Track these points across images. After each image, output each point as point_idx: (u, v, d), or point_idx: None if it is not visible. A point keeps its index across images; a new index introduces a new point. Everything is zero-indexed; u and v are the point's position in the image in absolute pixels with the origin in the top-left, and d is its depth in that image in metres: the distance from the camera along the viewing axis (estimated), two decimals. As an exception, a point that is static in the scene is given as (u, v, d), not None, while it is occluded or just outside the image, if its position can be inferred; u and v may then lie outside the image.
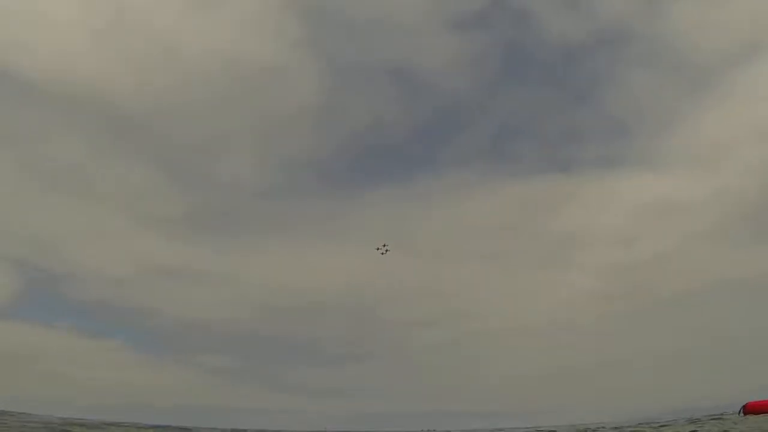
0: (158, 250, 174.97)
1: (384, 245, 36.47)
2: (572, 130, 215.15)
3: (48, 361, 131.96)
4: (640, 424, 47.94)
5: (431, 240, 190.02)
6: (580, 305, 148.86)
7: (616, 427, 40.05)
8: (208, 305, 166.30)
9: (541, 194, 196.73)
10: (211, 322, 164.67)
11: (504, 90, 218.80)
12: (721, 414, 41.06)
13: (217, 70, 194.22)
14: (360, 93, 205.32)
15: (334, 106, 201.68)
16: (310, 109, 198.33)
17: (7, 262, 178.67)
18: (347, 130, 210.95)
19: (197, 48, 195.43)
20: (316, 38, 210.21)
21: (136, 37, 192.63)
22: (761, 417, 34.77)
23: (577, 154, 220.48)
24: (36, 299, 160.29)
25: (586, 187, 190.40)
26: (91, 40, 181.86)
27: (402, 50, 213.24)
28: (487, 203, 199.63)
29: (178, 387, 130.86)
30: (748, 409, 37.76)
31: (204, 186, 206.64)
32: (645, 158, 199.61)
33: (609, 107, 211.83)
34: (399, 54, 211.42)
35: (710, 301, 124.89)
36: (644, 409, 78.87)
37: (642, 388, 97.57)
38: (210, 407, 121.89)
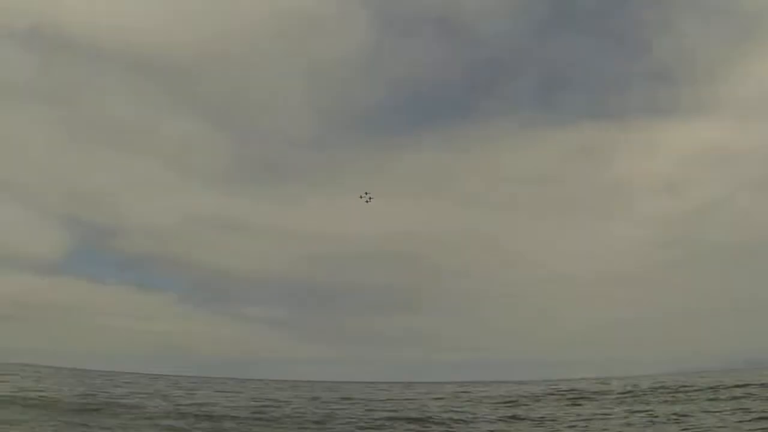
0: (208, 202, 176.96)
1: (366, 193, 34.32)
2: (620, 78, 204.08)
3: (100, 315, 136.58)
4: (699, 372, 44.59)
5: (477, 188, 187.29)
6: (630, 254, 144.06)
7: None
8: (255, 256, 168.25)
9: (589, 143, 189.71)
10: (258, 273, 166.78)
11: (551, 37, 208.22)
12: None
13: (262, 20, 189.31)
14: (405, 41, 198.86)
15: (380, 53, 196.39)
16: (356, 58, 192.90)
17: (58, 219, 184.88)
18: (392, 79, 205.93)
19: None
20: None
21: None
22: None
23: (625, 102, 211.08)
24: (87, 254, 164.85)
25: (634, 135, 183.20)
26: None
27: None
28: (534, 152, 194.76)
29: (228, 338, 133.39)
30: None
31: (248, 136, 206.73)
32: (695, 106, 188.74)
33: (657, 54, 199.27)
34: (443, 2, 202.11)
35: (764, 251, 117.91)
36: (701, 359, 75.20)
37: (697, 338, 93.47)
38: (259, 358, 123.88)
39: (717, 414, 20.21)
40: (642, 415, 20.95)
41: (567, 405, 25.42)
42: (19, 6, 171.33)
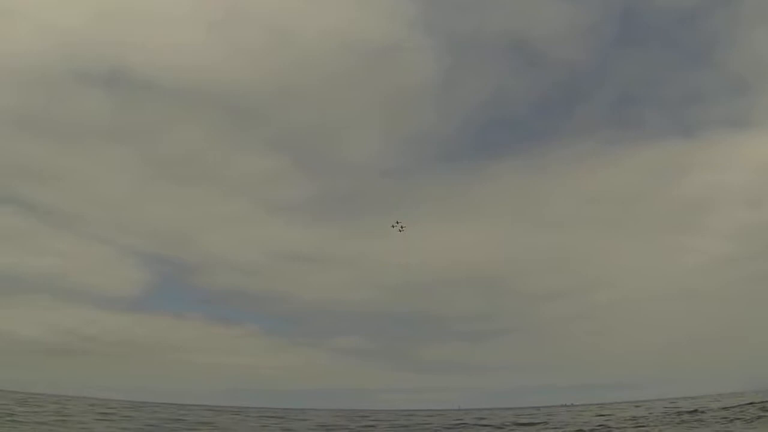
0: (285, 235, 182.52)
1: (398, 222, 34.02)
2: (693, 93, 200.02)
3: (182, 350, 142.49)
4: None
5: (557, 210, 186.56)
6: (709, 270, 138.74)
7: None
8: (337, 288, 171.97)
9: (665, 159, 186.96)
10: (340, 304, 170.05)
11: (621, 56, 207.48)
12: None
13: (333, 52, 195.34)
14: (477, 67, 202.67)
15: (453, 81, 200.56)
16: (429, 85, 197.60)
17: (141, 257, 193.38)
18: (467, 104, 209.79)
19: (312, 31, 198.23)
20: (431, 14, 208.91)
21: (250, 25, 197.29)
22: None
23: (700, 116, 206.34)
24: (170, 291, 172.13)
25: (711, 149, 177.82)
26: (205, 32, 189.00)
27: (517, 22, 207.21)
28: (611, 171, 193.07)
29: (310, 370, 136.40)
30: None
31: (327, 169, 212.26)
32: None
33: (730, 67, 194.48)
34: (514, 26, 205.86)
35: None
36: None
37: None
38: (342, 389, 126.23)
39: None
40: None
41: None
42: (99, 51, 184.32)
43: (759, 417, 26.56)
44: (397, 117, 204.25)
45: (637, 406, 41.69)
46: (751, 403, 31.73)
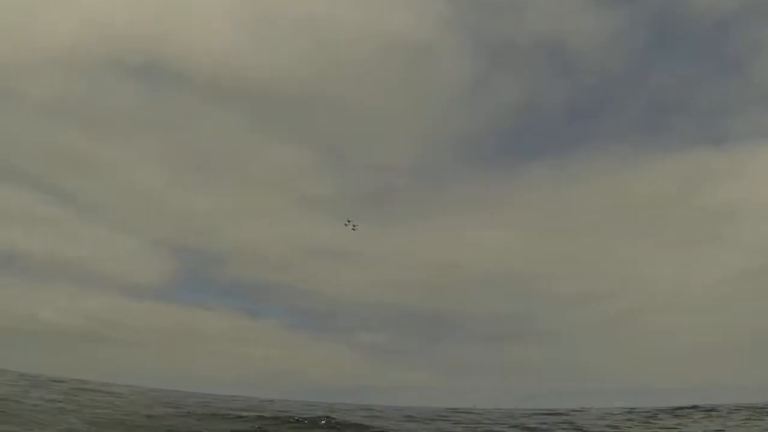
0: (313, 230, 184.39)
1: (350, 221, 33.77)
2: (725, 103, 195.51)
3: (209, 340, 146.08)
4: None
5: (584, 216, 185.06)
6: (736, 281, 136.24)
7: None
8: (362, 285, 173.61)
9: (694, 168, 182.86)
10: (365, 301, 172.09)
11: (654, 63, 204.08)
12: None
13: (366, 50, 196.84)
14: (510, 70, 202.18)
15: (485, 83, 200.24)
16: (461, 87, 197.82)
17: (166, 246, 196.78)
18: (497, 108, 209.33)
19: (346, 28, 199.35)
20: (465, 15, 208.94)
21: (285, 20, 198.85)
22: None
23: (731, 126, 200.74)
24: (194, 281, 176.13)
25: (743, 159, 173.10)
26: (240, 26, 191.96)
27: (548, 27, 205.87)
28: (640, 179, 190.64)
29: (333, 365, 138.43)
30: None
31: (357, 166, 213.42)
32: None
33: (764, 77, 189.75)
34: (545, 31, 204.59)
35: None
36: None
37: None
38: (363, 385, 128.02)
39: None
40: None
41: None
42: (136, 41, 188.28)
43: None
44: (428, 117, 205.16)
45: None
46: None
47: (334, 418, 27.21)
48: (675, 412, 36.15)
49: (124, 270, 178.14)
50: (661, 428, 27.74)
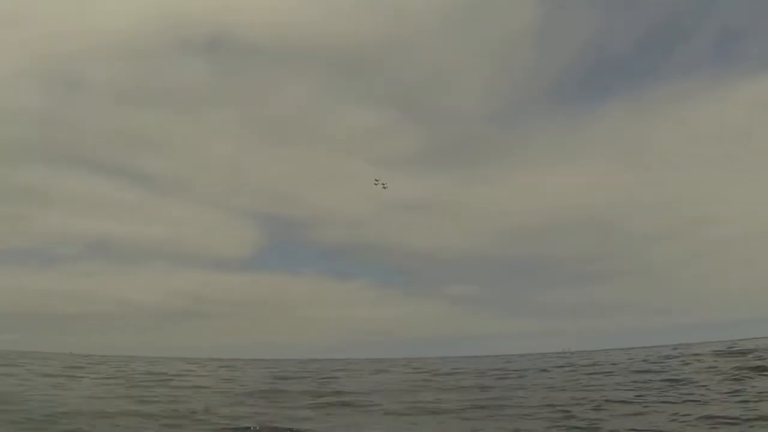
0: (400, 187, 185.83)
1: (378, 180, 32.33)
2: None
3: (300, 306, 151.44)
4: None
5: (664, 151, 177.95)
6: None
7: None
8: (448, 236, 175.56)
9: None
10: (451, 253, 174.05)
11: None
12: None
13: (430, 3, 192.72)
14: (577, 7, 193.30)
15: (553, 23, 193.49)
16: (530, 28, 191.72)
17: (249, 217, 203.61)
18: (568, 47, 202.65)
19: None
20: None
21: None
22: None
23: None
24: (280, 249, 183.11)
25: None
26: None
27: None
28: (715, 108, 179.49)
29: (424, 319, 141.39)
30: None
31: (434, 118, 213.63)
32: None
33: None
34: None
35: None
36: None
37: None
38: (456, 336, 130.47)
39: None
40: None
41: None
42: (200, 19, 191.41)
43: None
44: (499, 61, 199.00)
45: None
46: None
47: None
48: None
49: (210, 244, 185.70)
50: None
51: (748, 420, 10.55)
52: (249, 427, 11.75)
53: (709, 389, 15.31)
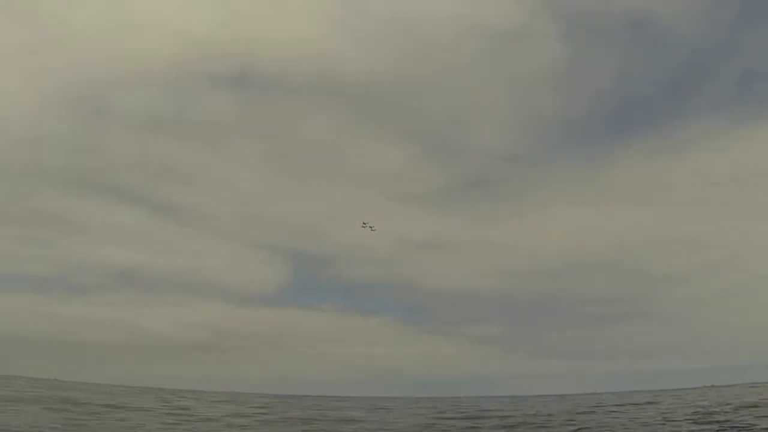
0: (417, 224, 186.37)
1: (366, 223, 32.52)
2: None
3: (320, 342, 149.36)
4: None
5: (684, 192, 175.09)
6: None
7: None
8: (466, 275, 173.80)
9: None
10: (470, 291, 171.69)
11: (745, 32, 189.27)
12: None
13: (455, 39, 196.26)
14: (601, 48, 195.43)
15: (577, 64, 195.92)
16: (553, 69, 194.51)
17: (270, 251, 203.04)
18: (591, 87, 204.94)
19: (433, 18, 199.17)
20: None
21: (371, 15, 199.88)
22: None
23: None
24: (300, 284, 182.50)
25: None
26: (327, 26, 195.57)
27: (637, 3, 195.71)
28: (738, 150, 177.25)
29: (445, 357, 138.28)
30: None
31: (454, 156, 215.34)
32: None
33: None
34: (634, 8, 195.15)
35: None
36: None
37: None
38: (477, 375, 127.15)
39: None
40: None
41: None
42: (228, 53, 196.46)
43: None
44: (522, 102, 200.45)
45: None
46: None
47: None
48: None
49: (233, 277, 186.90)
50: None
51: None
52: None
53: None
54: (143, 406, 30.92)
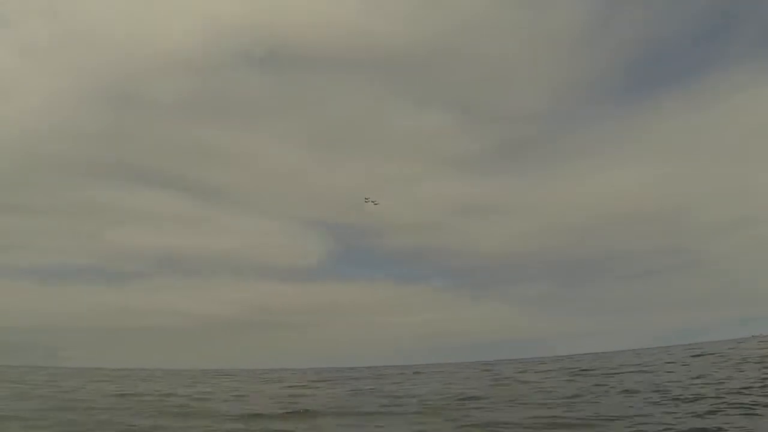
0: (459, 189, 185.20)
1: (368, 198, 30.67)
2: None
3: (367, 313, 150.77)
4: None
5: (721, 142, 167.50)
6: None
7: None
8: (512, 237, 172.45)
9: None
10: (517, 253, 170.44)
11: None
12: None
13: (482, 4, 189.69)
14: (626, 4, 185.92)
15: (605, 18, 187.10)
16: (582, 26, 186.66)
17: (313, 226, 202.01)
18: (622, 41, 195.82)
19: None
20: None
21: None
22: None
23: None
24: (346, 256, 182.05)
25: None
26: (355, 1, 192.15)
27: None
28: None
29: (493, 321, 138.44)
30: None
31: (491, 120, 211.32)
32: None
33: None
34: None
35: None
36: None
37: None
38: (525, 338, 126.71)
39: None
40: None
41: None
42: (259, 32, 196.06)
43: None
44: (555, 61, 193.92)
45: None
46: None
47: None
48: None
49: (277, 255, 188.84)
50: None
51: None
52: None
53: None
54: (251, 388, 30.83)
